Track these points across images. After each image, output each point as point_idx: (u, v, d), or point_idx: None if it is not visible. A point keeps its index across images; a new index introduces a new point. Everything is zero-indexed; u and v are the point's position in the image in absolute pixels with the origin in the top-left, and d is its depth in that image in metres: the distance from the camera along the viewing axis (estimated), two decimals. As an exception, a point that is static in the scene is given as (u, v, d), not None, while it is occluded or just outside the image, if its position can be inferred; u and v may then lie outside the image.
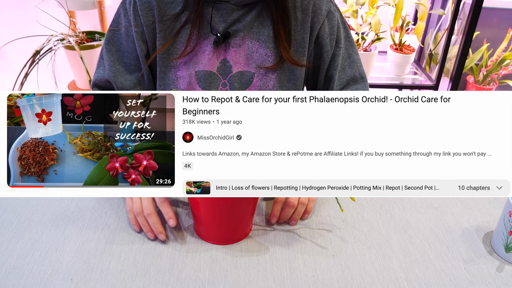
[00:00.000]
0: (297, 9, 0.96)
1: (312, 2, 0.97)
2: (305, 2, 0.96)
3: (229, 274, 0.75)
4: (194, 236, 0.82)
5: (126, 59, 0.99)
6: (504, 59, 2.28)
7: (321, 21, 0.97)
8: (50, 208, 0.87)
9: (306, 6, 0.96)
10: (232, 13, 0.95)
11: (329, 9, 0.99)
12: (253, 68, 0.96)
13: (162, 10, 0.95)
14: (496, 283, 0.75)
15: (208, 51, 0.96)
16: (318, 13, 0.97)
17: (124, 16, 0.97)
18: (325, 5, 0.98)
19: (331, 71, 1.02)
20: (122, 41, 0.98)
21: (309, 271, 0.76)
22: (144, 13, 0.95)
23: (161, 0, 0.95)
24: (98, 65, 1.01)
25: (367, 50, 2.06)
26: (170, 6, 0.95)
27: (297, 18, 0.97)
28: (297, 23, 0.97)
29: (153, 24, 0.96)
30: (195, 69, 0.96)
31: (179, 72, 0.97)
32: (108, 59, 0.98)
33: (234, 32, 0.96)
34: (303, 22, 0.97)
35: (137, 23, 0.96)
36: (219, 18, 0.95)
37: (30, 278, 0.73)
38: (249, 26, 0.96)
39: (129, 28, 0.96)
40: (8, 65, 2.25)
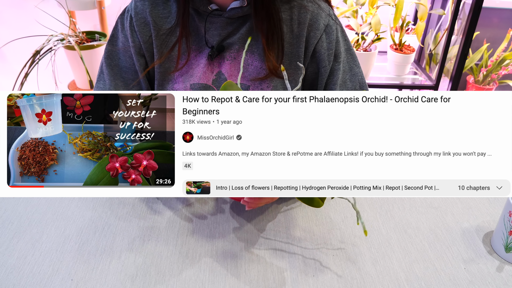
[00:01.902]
0: (294, 21, 0.95)
1: (309, 16, 0.95)
2: (302, 15, 0.95)
3: (229, 274, 0.75)
4: (194, 236, 0.82)
5: (124, 74, 0.99)
6: (504, 59, 2.28)
7: (318, 36, 0.96)
8: (50, 208, 0.87)
9: (303, 19, 0.95)
10: (226, 26, 0.94)
11: (327, 23, 0.97)
12: (248, 80, 0.96)
13: (158, 25, 0.95)
14: (496, 283, 0.75)
15: (203, 64, 0.95)
16: (315, 27, 0.96)
17: (121, 31, 0.98)
18: (323, 20, 0.96)
19: (330, 85, 1.00)
20: (120, 56, 0.99)
21: (309, 271, 0.76)
22: (140, 29, 0.95)
23: (156, 15, 0.95)
24: (98, 79, 1.02)
25: (367, 50, 2.06)
26: (165, 20, 0.95)
27: (293, 31, 0.95)
28: (293, 36, 0.96)
29: (150, 39, 0.96)
30: (190, 82, 0.96)
31: (175, 85, 0.97)
32: (108, 73, 0.99)
33: (229, 45, 0.95)
34: (299, 35, 0.95)
35: (134, 38, 0.96)
36: (213, 31, 0.95)
37: (30, 278, 0.73)
38: (243, 39, 0.95)
39: (127, 44, 0.97)
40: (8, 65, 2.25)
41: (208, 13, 0.93)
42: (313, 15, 0.96)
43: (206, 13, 0.94)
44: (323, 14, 0.97)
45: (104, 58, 1.00)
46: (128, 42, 0.96)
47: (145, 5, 0.95)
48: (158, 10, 0.95)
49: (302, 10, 0.95)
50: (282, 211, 0.88)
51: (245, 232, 0.83)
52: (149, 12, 0.95)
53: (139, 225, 0.84)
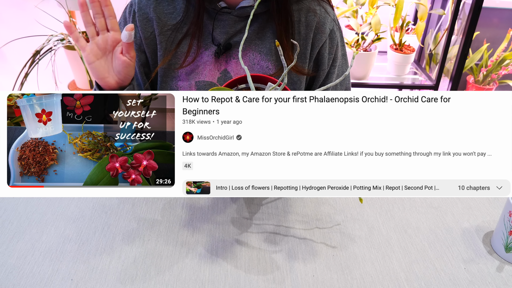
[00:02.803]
0: (301, 24, 0.96)
1: (317, 19, 0.96)
2: (310, 18, 0.96)
3: (229, 274, 0.75)
4: (194, 236, 0.82)
5: None
6: (504, 59, 2.28)
7: (323, 39, 0.97)
8: (50, 208, 0.87)
9: (310, 22, 0.96)
10: (234, 25, 0.94)
11: (332, 28, 0.98)
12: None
13: (162, 21, 0.95)
14: (496, 283, 0.75)
15: (209, 62, 0.96)
16: (321, 31, 0.97)
17: (123, 26, 0.98)
18: (329, 24, 0.98)
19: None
20: None
21: (309, 271, 0.76)
22: (142, 24, 0.95)
23: (160, 11, 0.95)
24: None
25: (367, 50, 2.06)
26: (170, 16, 0.95)
27: (300, 32, 0.96)
28: (300, 38, 0.96)
29: (151, 35, 0.96)
30: (195, 79, 0.96)
31: (180, 82, 0.97)
32: None
33: (236, 44, 0.96)
34: (306, 37, 0.96)
35: (135, 34, 0.96)
36: (220, 29, 0.95)
37: (30, 278, 0.73)
38: (250, 38, 0.96)
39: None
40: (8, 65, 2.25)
41: (217, 10, 0.93)
42: (320, 18, 0.96)
43: (215, 11, 0.94)
44: (329, 18, 0.98)
45: None
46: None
47: (149, 1, 0.95)
48: (163, 7, 0.95)
49: (310, 13, 0.96)
50: (282, 211, 0.88)
51: (245, 234, 0.83)
52: (153, 9, 0.94)
53: (139, 225, 0.84)
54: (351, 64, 0.68)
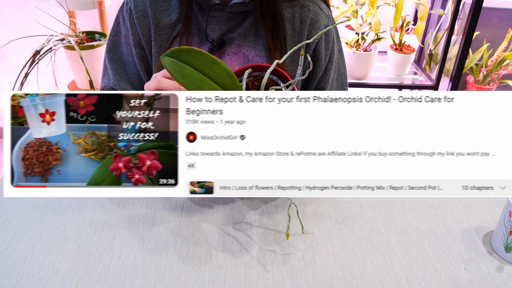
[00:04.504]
0: (296, 19, 0.96)
1: (311, 15, 0.96)
2: (304, 14, 0.96)
3: (229, 274, 0.75)
4: (194, 236, 0.82)
5: (127, 67, 0.99)
6: (504, 59, 2.29)
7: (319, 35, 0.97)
8: (50, 208, 0.87)
9: (305, 18, 0.96)
10: (228, 21, 0.94)
11: (327, 24, 0.98)
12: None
13: (157, 18, 0.95)
14: (496, 283, 0.75)
15: None
16: (317, 26, 0.97)
17: (122, 24, 0.98)
18: (324, 20, 0.98)
19: (322, 83, 1.02)
20: (122, 50, 0.99)
21: (309, 271, 0.76)
22: (140, 21, 0.95)
23: (155, 8, 0.95)
24: (103, 74, 1.02)
25: (367, 50, 2.06)
26: (164, 13, 0.95)
27: (295, 28, 0.96)
28: (295, 34, 0.96)
29: (149, 32, 0.96)
30: None
31: None
32: (111, 68, 0.99)
33: (230, 40, 0.96)
34: (301, 33, 0.96)
35: (133, 31, 0.96)
36: (214, 25, 0.95)
37: (30, 278, 0.73)
38: (244, 34, 0.95)
39: (128, 36, 0.97)
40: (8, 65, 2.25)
41: (210, 7, 0.93)
42: (315, 14, 0.96)
43: (208, 7, 0.94)
44: (323, 15, 0.98)
45: (107, 53, 1.00)
46: (129, 35, 0.96)
47: None
48: (158, 3, 0.95)
49: (304, 9, 0.96)
50: (282, 211, 0.88)
51: (245, 233, 0.83)
52: (148, 5, 0.95)
53: (139, 225, 0.84)
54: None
